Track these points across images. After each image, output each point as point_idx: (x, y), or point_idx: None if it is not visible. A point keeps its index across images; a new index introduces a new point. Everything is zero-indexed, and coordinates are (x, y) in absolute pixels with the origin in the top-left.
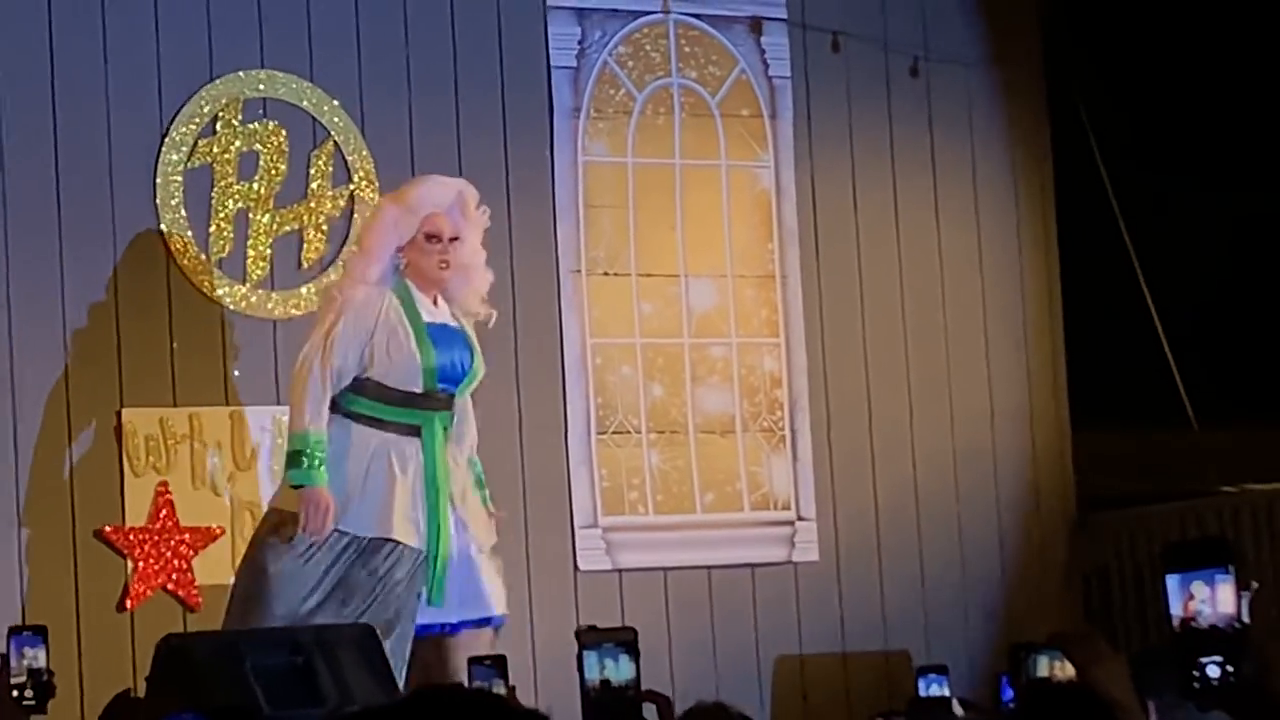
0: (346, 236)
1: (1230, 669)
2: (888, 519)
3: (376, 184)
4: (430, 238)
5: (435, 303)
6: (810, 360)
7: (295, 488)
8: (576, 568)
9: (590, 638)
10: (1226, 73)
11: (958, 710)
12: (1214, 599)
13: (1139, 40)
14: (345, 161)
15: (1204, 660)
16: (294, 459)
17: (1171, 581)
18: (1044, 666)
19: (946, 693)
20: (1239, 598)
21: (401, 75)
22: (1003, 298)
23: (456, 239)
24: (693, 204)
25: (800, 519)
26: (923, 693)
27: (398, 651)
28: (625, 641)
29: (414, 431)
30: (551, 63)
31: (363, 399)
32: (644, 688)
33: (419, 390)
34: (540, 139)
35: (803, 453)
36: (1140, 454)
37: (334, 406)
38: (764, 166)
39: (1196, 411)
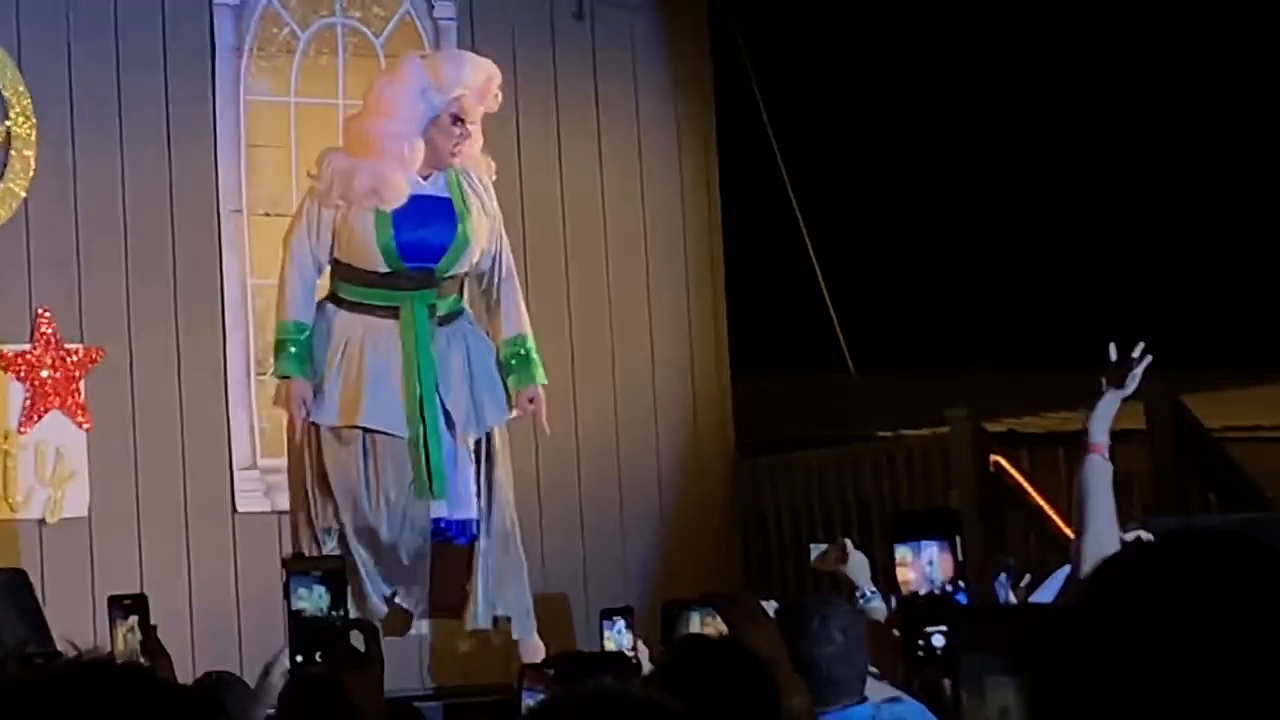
0: (2, 173)
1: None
2: (548, 462)
3: (33, 120)
4: (456, 120)
5: (426, 176)
6: None
7: (281, 378)
8: (235, 509)
9: (295, 566)
10: (894, 16)
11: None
12: (935, 569)
13: None
14: (1, 96)
15: (930, 630)
16: (274, 350)
17: (898, 551)
18: (696, 624)
19: (629, 637)
20: (958, 567)
21: (60, 7)
22: (664, 242)
23: (475, 123)
24: None
25: None
26: (607, 637)
27: (407, 549)
28: (327, 570)
29: (392, 314)
30: None
31: (345, 284)
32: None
33: (384, 270)
34: (202, 76)
35: None
36: (798, 398)
37: (332, 295)
38: None
39: (853, 357)
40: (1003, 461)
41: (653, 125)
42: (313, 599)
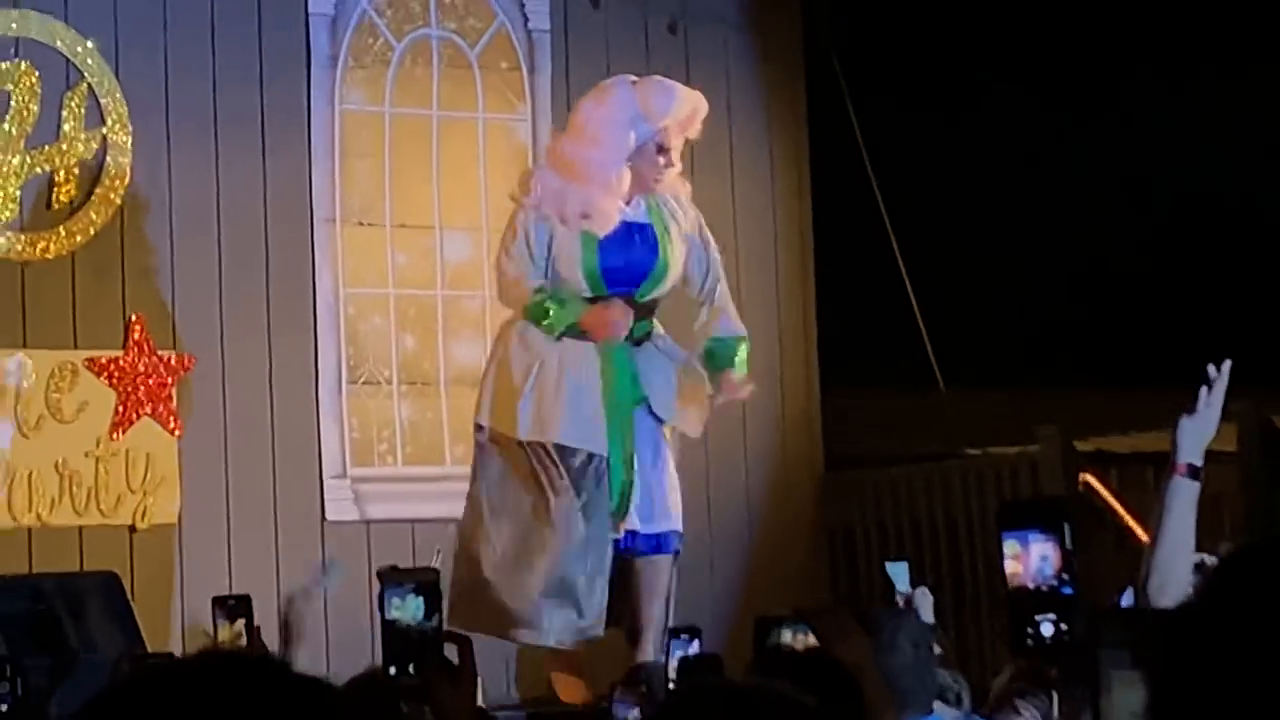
0: (98, 179)
1: (1064, 627)
2: None
3: (130, 127)
4: (660, 149)
5: (627, 201)
6: None
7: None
8: (324, 518)
9: (389, 577)
10: (985, 30)
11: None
12: (1046, 559)
13: (898, 3)
14: (99, 104)
15: (1039, 618)
16: (540, 310)
17: (1006, 541)
18: (788, 639)
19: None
20: (1069, 558)
21: (158, 18)
22: (755, 257)
23: (677, 151)
24: (449, 156)
25: None
26: (675, 656)
27: (592, 563)
28: (420, 582)
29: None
30: (310, 10)
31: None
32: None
33: (587, 294)
34: (297, 87)
35: None
36: (887, 415)
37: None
38: (521, 120)
39: (943, 374)
40: (1092, 480)
41: (745, 138)
42: (407, 609)
